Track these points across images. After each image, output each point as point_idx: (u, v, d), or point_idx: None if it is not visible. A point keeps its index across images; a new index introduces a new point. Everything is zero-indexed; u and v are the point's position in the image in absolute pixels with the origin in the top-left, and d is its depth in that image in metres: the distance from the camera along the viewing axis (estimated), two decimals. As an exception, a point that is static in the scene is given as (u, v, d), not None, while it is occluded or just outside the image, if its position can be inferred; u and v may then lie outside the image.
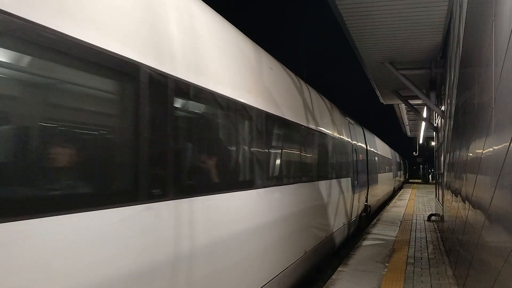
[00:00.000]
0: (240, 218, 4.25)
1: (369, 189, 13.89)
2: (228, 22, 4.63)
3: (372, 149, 16.01)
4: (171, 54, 3.16)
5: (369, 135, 16.03)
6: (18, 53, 2.09)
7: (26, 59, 2.14)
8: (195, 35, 3.61)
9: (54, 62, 2.25)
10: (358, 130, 13.03)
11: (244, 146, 4.45)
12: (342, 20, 7.45)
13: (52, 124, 2.28)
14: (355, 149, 11.59)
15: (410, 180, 60.46)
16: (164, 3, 3.25)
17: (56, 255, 2.15)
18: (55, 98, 2.34)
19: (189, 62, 3.41)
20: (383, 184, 19.77)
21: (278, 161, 5.61)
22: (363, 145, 13.60)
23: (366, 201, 13.29)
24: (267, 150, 5.04)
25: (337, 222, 9.02)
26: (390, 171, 25.31)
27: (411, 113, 19.96)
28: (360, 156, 12.48)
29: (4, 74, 2.06)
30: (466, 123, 4.98)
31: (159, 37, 3.08)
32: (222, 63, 4.07)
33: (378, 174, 17.46)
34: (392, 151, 30.47)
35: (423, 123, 18.71)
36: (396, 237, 10.60)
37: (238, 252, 4.17)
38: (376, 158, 17.58)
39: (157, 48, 3.01)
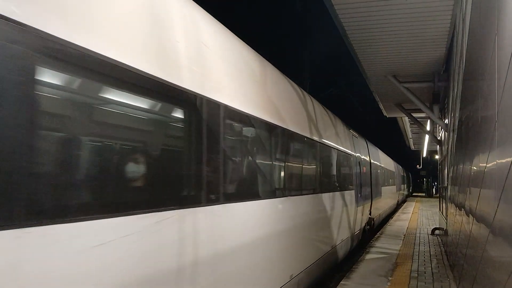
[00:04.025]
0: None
1: (372, 202, 14.15)
2: None
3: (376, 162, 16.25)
4: None
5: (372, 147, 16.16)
6: None
7: None
8: None
9: None
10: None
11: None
12: (345, 34, 7.49)
13: None
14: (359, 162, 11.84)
15: (413, 194, 59.75)
16: None
17: None
18: None
19: None
20: (387, 197, 20.10)
21: None
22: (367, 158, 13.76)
23: (370, 214, 13.69)
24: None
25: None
26: (393, 184, 25.54)
27: (415, 126, 19.94)
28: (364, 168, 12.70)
29: None
30: (470, 136, 4.97)
31: None
32: None
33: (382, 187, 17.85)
34: (395, 163, 30.42)
35: (427, 136, 18.68)
36: (399, 250, 10.51)
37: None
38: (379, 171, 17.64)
39: None
